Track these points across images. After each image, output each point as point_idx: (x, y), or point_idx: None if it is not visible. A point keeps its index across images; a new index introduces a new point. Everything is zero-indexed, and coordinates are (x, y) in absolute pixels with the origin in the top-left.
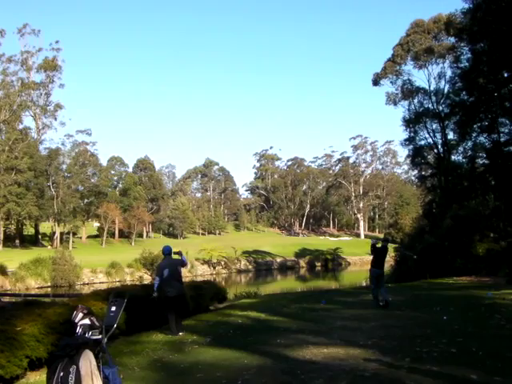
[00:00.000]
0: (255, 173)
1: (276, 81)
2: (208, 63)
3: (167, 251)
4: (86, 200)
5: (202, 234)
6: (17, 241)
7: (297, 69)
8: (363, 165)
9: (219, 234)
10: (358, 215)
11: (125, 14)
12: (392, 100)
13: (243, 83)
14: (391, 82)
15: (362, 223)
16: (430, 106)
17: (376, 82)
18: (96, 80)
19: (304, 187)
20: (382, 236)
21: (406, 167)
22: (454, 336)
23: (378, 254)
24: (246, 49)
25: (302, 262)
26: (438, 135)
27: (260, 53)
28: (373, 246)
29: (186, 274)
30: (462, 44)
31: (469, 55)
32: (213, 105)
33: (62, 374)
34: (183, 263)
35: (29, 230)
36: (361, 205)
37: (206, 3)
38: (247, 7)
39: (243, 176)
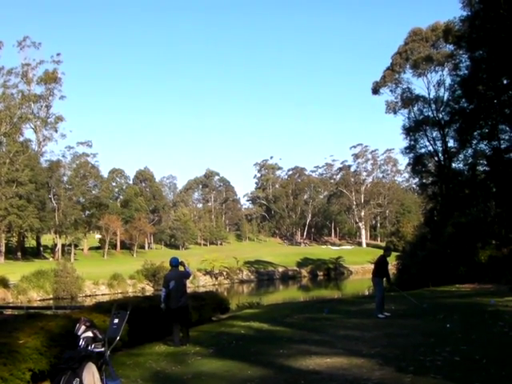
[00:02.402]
0: (256, 183)
1: (276, 90)
2: (208, 74)
3: (174, 263)
4: (87, 212)
5: (204, 244)
6: (18, 253)
7: (296, 78)
8: (364, 173)
9: (221, 244)
10: (360, 224)
11: (125, 25)
12: (392, 108)
13: (243, 93)
14: (391, 91)
15: (363, 232)
16: (429, 113)
17: (375, 91)
18: (96, 91)
19: (305, 196)
20: (383, 244)
21: (406, 175)
22: (457, 344)
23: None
24: (246, 59)
25: (304, 272)
26: (439, 143)
27: (260, 63)
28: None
29: (188, 285)
30: (461, 51)
31: (468, 63)
32: (212, 115)
33: None
34: (188, 275)
35: (30, 243)
36: (362, 213)
37: (207, 12)
38: (247, 19)
39: (244, 186)
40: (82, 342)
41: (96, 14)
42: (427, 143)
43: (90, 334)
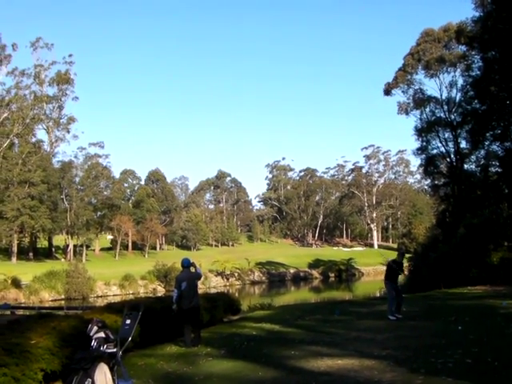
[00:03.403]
0: (268, 184)
1: (287, 91)
2: (218, 74)
3: (186, 264)
4: (99, 213)
5: (216, 245)
6: (30, 254)
7: (308, 79)
8: (376, 174)
9: (232, 245)
10: (372, 225)
11: (138, 26)
12: (404, 109)
13: (254, 94)
14: (403, 92)
15: (375, 233)
16: (441, 114)
17: (387, 92)
18: (108, 93)
19: (317, 198)
20: (395, 246)
21: (418, 176)
22: (469, 346)
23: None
24: (257, 59)
25: (316, 273)
26: (451, 144)
27: (271, 63)
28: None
29: (199, 286)
30: (473, 52)
31: (480, 63)
32: (224, 116)
33: None
34: (199, 276)
35: (42, 243)
36: (374, 215)
37: (218, 14)
38: (258, 16)
39: (256, 187)
40: (94, 343)
41: (111, 17)
42: (439, 144)
43: (102, 334)
